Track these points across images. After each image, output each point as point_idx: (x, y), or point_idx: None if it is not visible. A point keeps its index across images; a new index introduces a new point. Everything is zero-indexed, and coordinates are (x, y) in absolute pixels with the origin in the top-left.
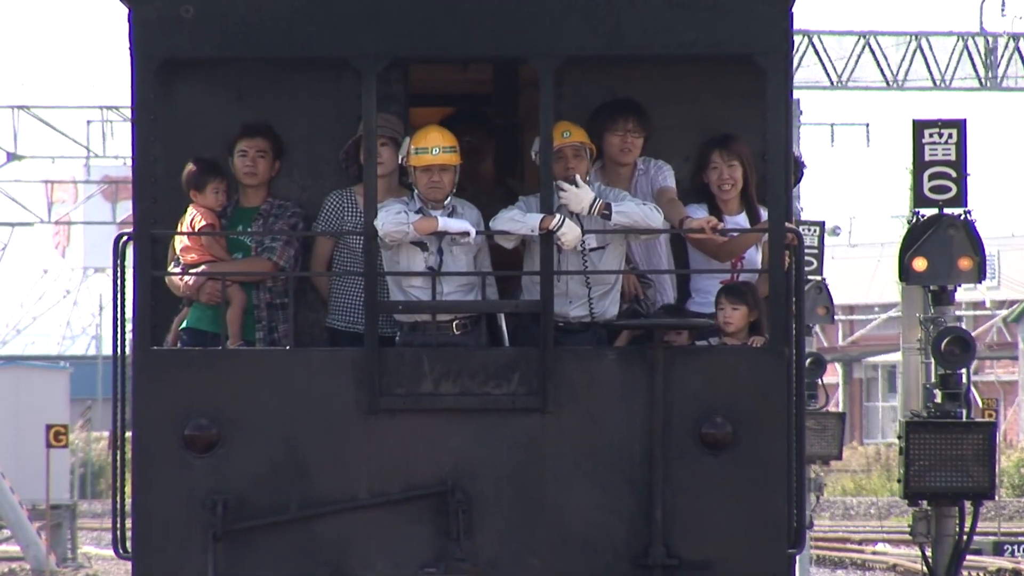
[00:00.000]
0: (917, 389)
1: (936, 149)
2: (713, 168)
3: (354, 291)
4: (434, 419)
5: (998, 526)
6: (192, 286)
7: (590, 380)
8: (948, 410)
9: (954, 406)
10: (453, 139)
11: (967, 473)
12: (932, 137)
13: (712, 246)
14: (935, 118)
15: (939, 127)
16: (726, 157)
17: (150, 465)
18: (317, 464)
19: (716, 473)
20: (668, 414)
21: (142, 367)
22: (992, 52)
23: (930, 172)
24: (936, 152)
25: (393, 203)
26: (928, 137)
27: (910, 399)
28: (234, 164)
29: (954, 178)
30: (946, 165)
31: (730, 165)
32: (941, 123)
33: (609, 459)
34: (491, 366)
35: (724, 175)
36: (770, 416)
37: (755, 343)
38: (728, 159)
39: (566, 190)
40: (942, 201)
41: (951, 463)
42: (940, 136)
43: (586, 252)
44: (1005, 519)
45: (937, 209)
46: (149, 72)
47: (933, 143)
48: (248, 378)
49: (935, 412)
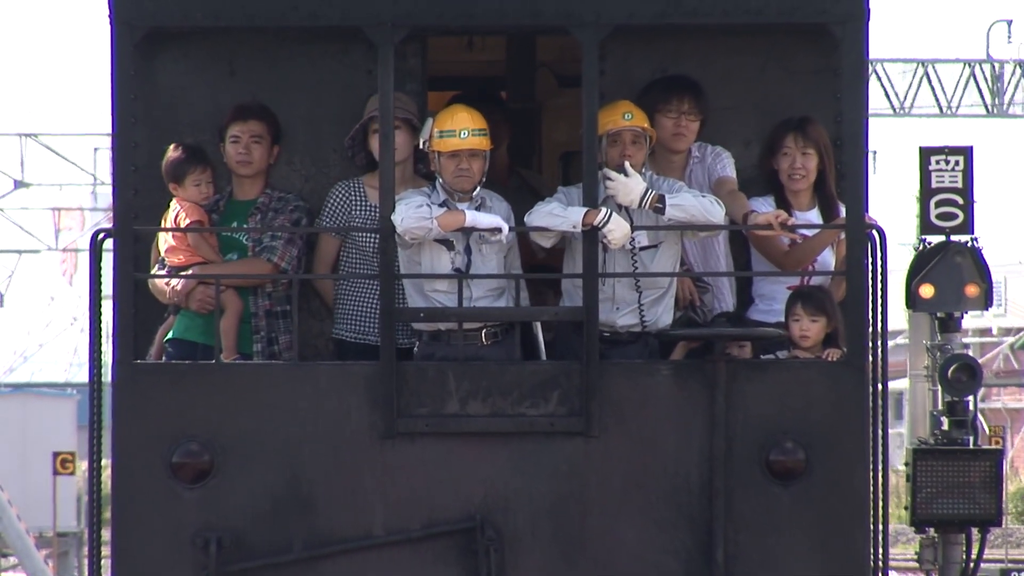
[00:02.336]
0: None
1: (943, 176)
2: (784, 154)
3: (364, 297)
4: (460, 444)
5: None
6: (180, 291)
7: (641, 399)
8: (955, 437)
9: (961, 433)
10: (483, 120)
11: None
12: (939, 164)
13: (778, 251)
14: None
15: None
16: (801, 143)
17: (132, 497)
18: (325, 496)
19: (786, 507)
20: (730, 438)
21: (123, 384)
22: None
23: (937, 199)
24: (943, 179)
25: (413, 195)
26: (935, 164)
27: (917, 426)
28: (226, 151)
29: (961, 205)
30: (953, 192)
31: (804, 153)
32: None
33: (662, 490)
34: (527, 383)
35: (796, 163)
36: (849, 441)
37: (831, 356)
38: (803, 145)
39: (614, 180)
40: (949, 228)
41: (958, 490)
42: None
43: (636, 251)
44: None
45: (944, 236)
46: (130, 44)
47: (940, 170)
48: (245, 397)
49: (942, 439)
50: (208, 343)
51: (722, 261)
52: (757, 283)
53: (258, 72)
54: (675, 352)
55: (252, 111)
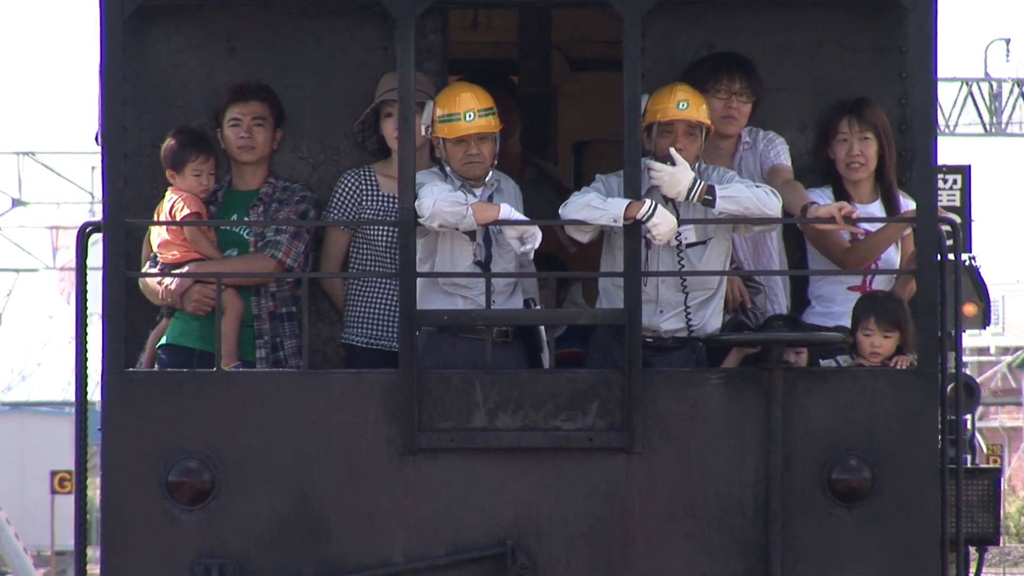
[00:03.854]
0: None
1: (941, 195)
2: (841, 140)
3: (377, 297)
4: (488, 461)
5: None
6: (175, 291)
7: (688, 411)
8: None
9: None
10: (489, 99)
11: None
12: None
13: (838, 247)
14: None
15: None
16: (858, 128)
17: (124, 519)
18: (338, 519)
19: (850, 531)
20: (788, 455)
21: (114, 394)
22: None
23: None
24: (941, 198)
25: (430, 178)
26: None
27: None
28: (225, 136)
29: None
30: (951, 211)
31: (863, 138)
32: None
33: (713, 513)
34: (562, 393)
35: (854, 150)
36: (921, 458)
37: (900, 364)
38: (860, 130)
39: (659, 170)
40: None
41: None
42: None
43: (682, 248)
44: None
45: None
46: (120, 18)
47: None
48: (249, 408)
49: None
50: (206, 349)
51: (775, 259)
52: (814, 283)
53: (260, 50)
54: (728, 359)
55: (253, 91)
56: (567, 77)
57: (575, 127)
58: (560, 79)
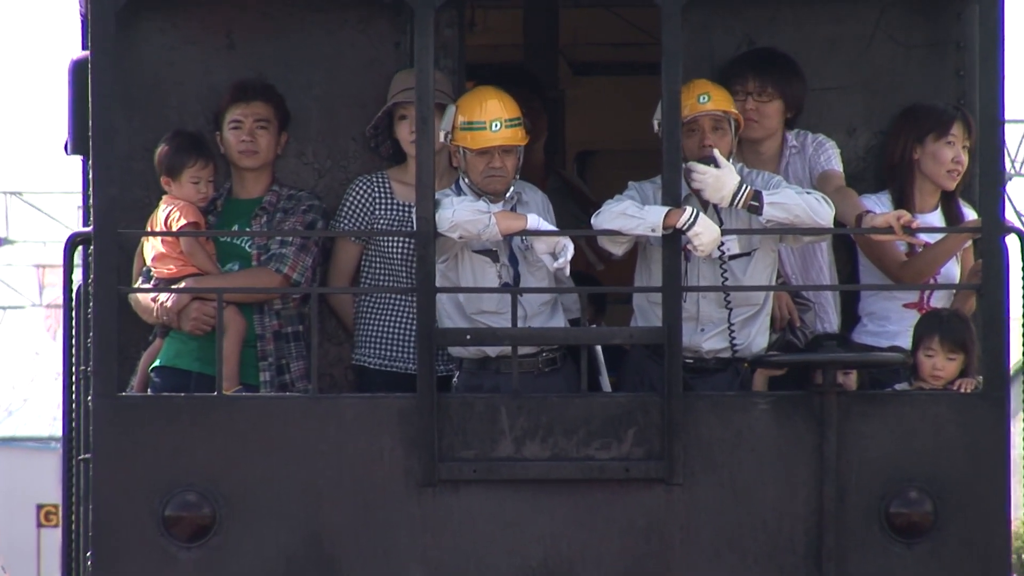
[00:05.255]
0: None
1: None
2: (948, 144)
3: (391, 315)
4: (515, 494)
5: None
6: (171, 309)
7: (733, 439)
8: None
9: None
10: (516, 108)
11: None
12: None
13: (894, 260)
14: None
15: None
16: (965, 135)
17: (116, 558)
18: (352, 557)
19: (911, 569)
20: (843, 487)
21: (104, 420)
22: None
23: None
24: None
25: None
26: None
27: None
28: (225, 140)
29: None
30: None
31: (965, 146)
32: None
33: (761, 550)
34: (595, 419)
35: (960, 157)
36: (987, 489)
37: (964, 387)
38: (967, 138)
39: (703, 172)
40: None
41: None
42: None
43: (725, 260)
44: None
45: None
46: (112, 10)
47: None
48: (254, 436)
49: None
50: (204, 371)
51: (825, 272)
52: (866, 299)
53: (262, 45)
54: (756, 383)
55: (256, 91)
56: (570, 82)
57: (578, 136)
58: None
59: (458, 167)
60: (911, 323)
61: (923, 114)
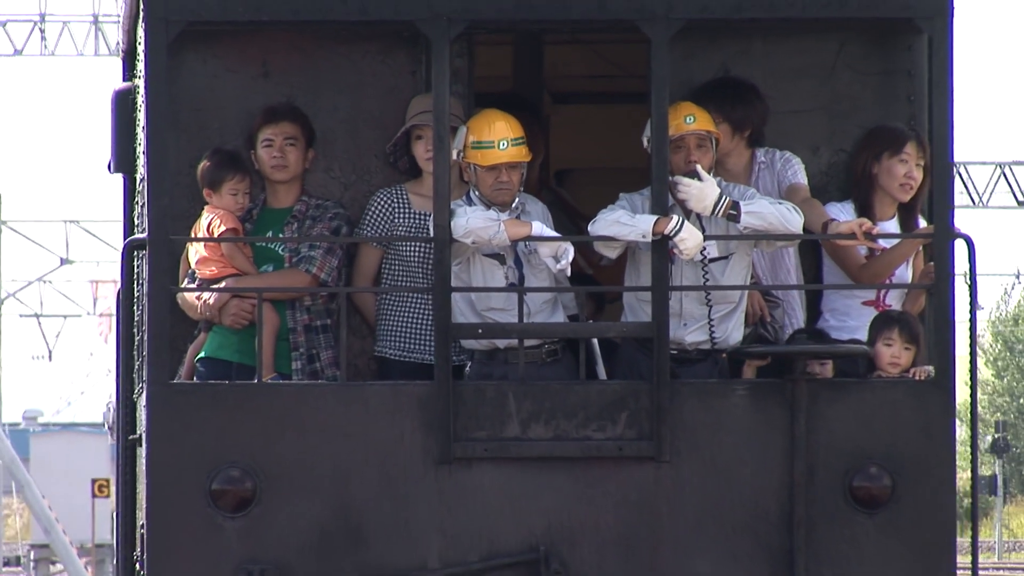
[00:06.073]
0: None
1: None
2: (902, 161)
3: (410, 312)
4: (522, 470)
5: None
6: (213, 306)
7: (715, 421)
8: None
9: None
10: (521, 128)
11: None
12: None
13: (855, 262)
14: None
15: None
16: (918, 153)
17: (168, 527)
18: (376, 526)
19: (871, 537)
20: (812, 463)
21: (158, 405)
22: None
23: None
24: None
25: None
26: None
27: None
28: (259, 156)
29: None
30: None
31: (918, 164)
32: None
33: (739, 520)
34: (592, 404)
35: (913, 172)
36: (938, 465)
37: (919, 375)
38: (920, 156)
39: (687, 185)
40: None
41: None
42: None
43: (706, 263)
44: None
45: None
46: (165, 41)
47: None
48: (290, 419)
49: None
50: (243, 361)
51: (792, 274)
52: (828, 297)
53: (293, 73)
54: (746, 372)
55: (284, 112)
56: (551, 109)
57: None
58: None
59: (469, 181)
60: (869, 319)
61: (881, 134)
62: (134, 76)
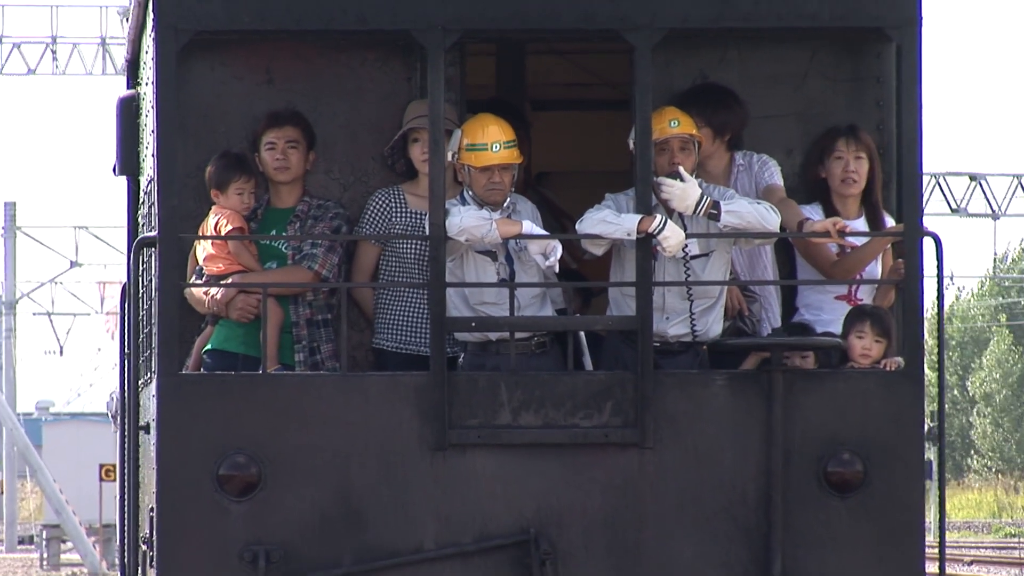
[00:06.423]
0: None
1: None
2: (837, 158)
3: (406, 306)
4: (513, 456)
5: None
6: (220, 301)
7: (695, 410)
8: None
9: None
10: (512, 132)
11: None
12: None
13: (827, 260)
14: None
15: None
16: (853, 147)
17: (177, 510)
18: (375, 510)
19: (844, 519)
20: (788, 450)
21: (168, 395)
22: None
23: None
24: None
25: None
26: None
27: None
28: (262, 159)
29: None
30: None
31: (857, 157)
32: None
33: (719, 503)
34: (580, 394)
35: (850, 167)
36: (907, 452)
37: (889, 366)
38: (855, 149)
39: (670, 185)
40: None
41: None
42: None
43: (687, 260)
44: None
45: None
46: (175, 49)
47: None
48: (293, 408)
49: None
50: (249, 353)
51: (769, 270)
52: (803, 292)
53: (296, 80)
54: (748, 363)
55: (286, 117)
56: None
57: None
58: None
59: (462, 181)
60: (842, 313)
61: (820, 138)
62: (137, 84)
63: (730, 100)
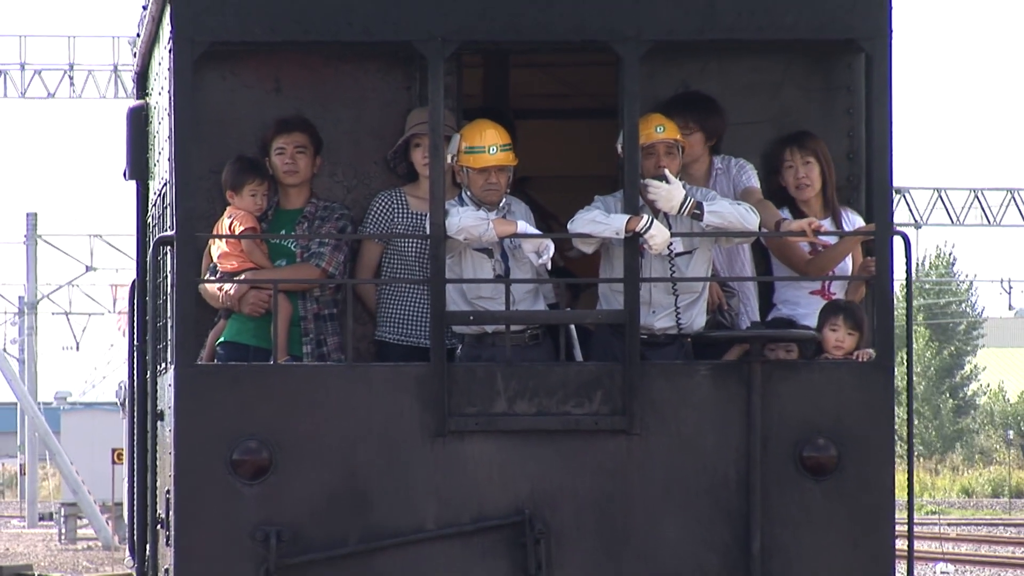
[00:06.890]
0: None
1: None
2: (788, 168)
3: (407, 300)
4: (508, 442)
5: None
6: (233, 296)
7: (680, 398)
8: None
9: None
10: (508, 136)
11: None
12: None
13: (800, 258)
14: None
15: None
16: (800, 155)
17: (193, 492)
18: (379, 492)
19: (818, 501)
20: (766, 436)
21: (184, 384)
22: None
23: None
24: None
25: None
26: None
27: None
28: (272, 163)
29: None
30: None
31: (806, 163)
32: None
33: (701, 486)
34: (571, 383)
35: (800, 173)
36: (879, 438)
37: (862, 357)
38: (803, 156)
39: (656, 187)
40: None
41: None
42: None
43: (673, 257)
44: None
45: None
46: (191, 60)
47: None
48: (302, 397)
49: None
50: (260, 345)
51: (747, 267)
52: (779, 289)
53: (303, 89)
54: (730, 353)
55: (294, 123)
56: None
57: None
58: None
59: (461, 183)
60: (817, 307)
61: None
62: (146, 95)
63: (716, 106)
